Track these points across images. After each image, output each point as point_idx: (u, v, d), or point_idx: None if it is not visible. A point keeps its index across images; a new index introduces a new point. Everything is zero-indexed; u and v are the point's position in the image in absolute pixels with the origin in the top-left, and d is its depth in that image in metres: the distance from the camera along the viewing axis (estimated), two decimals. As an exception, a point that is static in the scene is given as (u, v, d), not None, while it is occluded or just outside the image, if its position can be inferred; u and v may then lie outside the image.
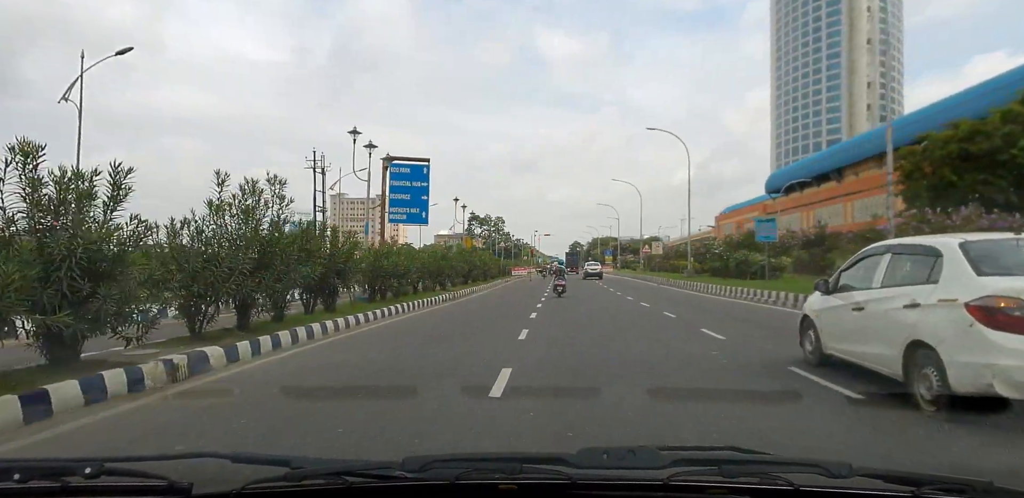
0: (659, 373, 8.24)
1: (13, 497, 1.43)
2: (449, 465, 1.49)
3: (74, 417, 5.67)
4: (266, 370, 8.56)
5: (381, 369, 8.78)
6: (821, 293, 8.05)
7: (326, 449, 4.50)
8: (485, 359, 9.12)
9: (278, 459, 1.54)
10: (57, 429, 5.31)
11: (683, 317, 17.05)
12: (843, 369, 7.49)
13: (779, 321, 14.28)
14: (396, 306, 18.92)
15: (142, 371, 6.93)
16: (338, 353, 10.39)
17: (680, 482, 1.42)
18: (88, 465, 1.44)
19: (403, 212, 31.38)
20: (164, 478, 1.44)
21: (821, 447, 4.68)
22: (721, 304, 22.89)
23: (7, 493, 1.42)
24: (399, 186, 30.85)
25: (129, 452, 4.24)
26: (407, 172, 31.18)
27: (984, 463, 4.39)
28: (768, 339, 11.48)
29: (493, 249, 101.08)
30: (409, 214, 31.69)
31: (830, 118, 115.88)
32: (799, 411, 6.04)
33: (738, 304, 22.85)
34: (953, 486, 1.40)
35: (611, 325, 15.21)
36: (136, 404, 6.29)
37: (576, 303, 23.13)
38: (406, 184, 31.09)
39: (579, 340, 11.88)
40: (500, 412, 5.97)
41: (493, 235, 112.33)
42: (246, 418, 5.67)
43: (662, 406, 6.21)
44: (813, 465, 1.45)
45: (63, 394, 5.86)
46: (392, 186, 30.48)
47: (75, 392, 6.02)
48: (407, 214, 31.62)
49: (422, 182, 31.41)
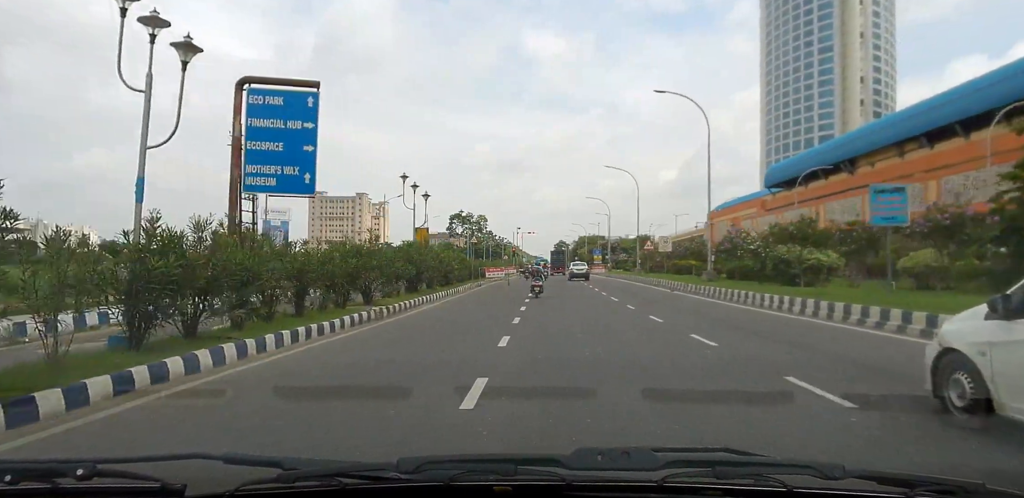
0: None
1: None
2: (443, 466, 1.48)
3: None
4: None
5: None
6: (997, 316, 5.19)
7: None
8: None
9: (271, 460, 1.53)
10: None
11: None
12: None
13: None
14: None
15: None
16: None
17: (674, 483, 1.43)
18: (80, 466, 1.44)
19: (271, 174, 16.49)
20: (157, 480, 1.44)
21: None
22: (815, 329, 14.48)
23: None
24: (262, 128, 16.35)
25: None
26: (278, 104, 16.55)
27: (976, 465, 4.31)
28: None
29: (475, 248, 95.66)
30: (280, 178, 16.57)
31: (822, 114, 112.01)
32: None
33: (848, 332, 13.97)
34: (945, 488, 1.40)
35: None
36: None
37: (564, 315, 18.99)
38: (275, 125, 16.44)
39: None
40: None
41: (476, 234, 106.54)
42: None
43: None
44: (806, 466, 1.45)
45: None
46: (251, 128, 16.25)
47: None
48: (277, 177, 16.55)
49: (306, 123, 16.61)
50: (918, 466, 3.47)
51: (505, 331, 13.49)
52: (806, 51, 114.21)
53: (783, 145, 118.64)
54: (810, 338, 12.80)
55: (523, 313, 19.07)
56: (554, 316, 18.30)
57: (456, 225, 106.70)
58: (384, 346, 12.30)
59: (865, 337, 12.97)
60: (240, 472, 1.48)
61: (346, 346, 12.07)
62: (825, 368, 8.78)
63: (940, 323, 9.21)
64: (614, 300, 25.88)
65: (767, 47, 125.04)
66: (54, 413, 6.05)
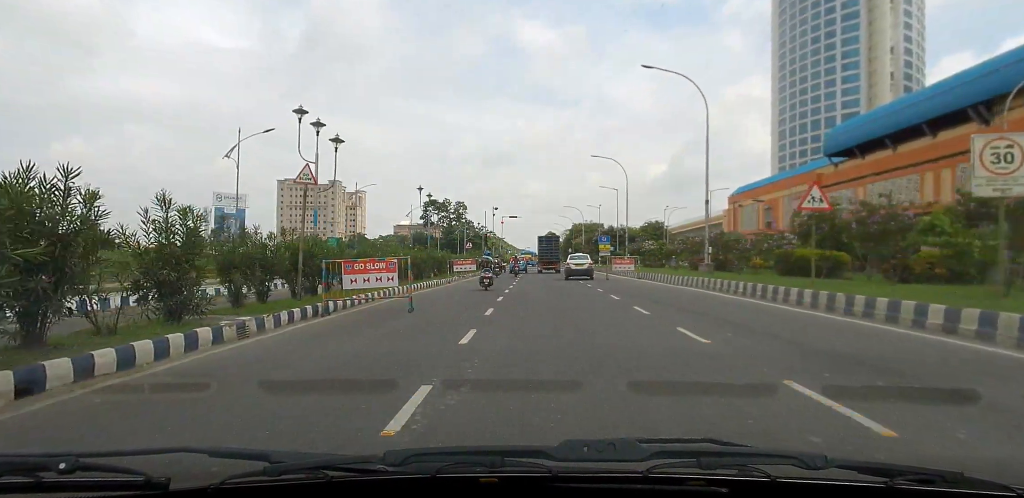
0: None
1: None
2: (430, 459, 1.48)
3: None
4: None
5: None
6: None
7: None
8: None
9: (257, 453, 1.52)
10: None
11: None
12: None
13: None
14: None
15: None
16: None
17: (659, 474, 1.44)
18: (63, 460, 1.42)
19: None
20: (141, 473, 1.41)
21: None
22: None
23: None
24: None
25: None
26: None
27: (956, 454, 4.17)
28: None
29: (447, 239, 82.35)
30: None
31: (846, 89, 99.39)
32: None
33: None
34: (925, 476, 1.43)
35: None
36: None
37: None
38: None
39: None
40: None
41: (453, 222, 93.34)
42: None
43: None
44: (789, 456, 1.48)
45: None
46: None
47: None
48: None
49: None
50: (899, 456, 3.59)
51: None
52: (827, 19, 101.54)
53: (798, 125, 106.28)
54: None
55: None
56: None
57: (431, 213, 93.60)
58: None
59: None
60: (226, 465, 1.47)
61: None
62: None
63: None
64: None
65: (780, 16, 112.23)
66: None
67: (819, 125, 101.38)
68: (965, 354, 8.80)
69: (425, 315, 14.97)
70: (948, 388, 6.44)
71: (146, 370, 7.80)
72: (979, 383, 6.51)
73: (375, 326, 13.00)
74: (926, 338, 10.42)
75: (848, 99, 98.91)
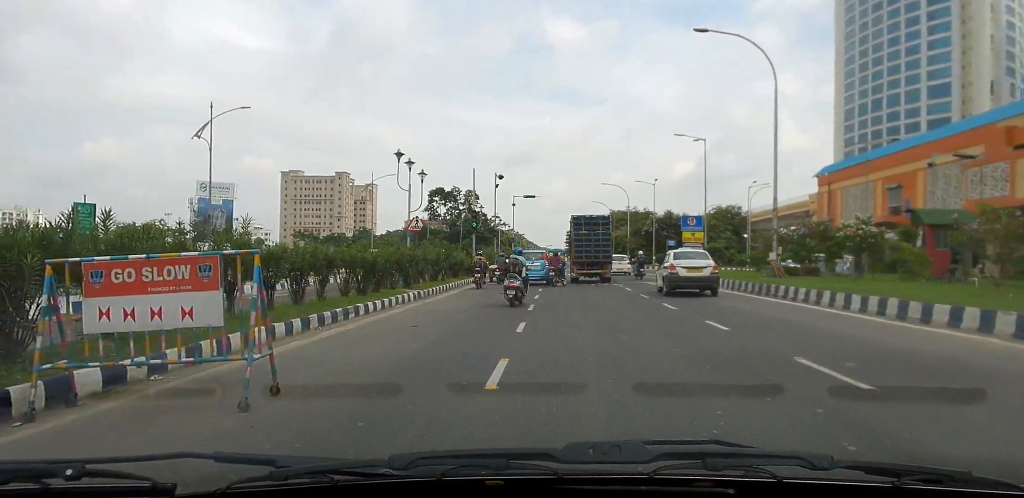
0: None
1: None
2: (435, 462, 1.48)
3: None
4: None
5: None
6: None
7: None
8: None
9: (263, 458, 1.53)
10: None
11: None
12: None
13: None
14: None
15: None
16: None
17: (665, 476, 1.42)
18: (69, 466, 1.41)
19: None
20: (147, 479, 1.42)
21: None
22: None
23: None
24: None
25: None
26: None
27: (962, 453, 4.18)
28: None
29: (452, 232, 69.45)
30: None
31: (932, 56, 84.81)
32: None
33: None
34: (932, 476, 1.41)
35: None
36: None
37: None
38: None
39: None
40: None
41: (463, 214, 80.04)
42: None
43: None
44: (796, 457, 1.46)
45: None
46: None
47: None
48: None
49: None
50: (906, 456, 3.73)
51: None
52: (907, 1, 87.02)
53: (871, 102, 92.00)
54: None
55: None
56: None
57: (438, 205, 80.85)
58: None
59: None
60: (232, 471, 1.49)
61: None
62: None
63: None
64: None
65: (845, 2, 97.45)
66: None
67: (898, 100, 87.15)
68: None
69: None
70: None
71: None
72: None
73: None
74: None
75: (935, 68, 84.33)
